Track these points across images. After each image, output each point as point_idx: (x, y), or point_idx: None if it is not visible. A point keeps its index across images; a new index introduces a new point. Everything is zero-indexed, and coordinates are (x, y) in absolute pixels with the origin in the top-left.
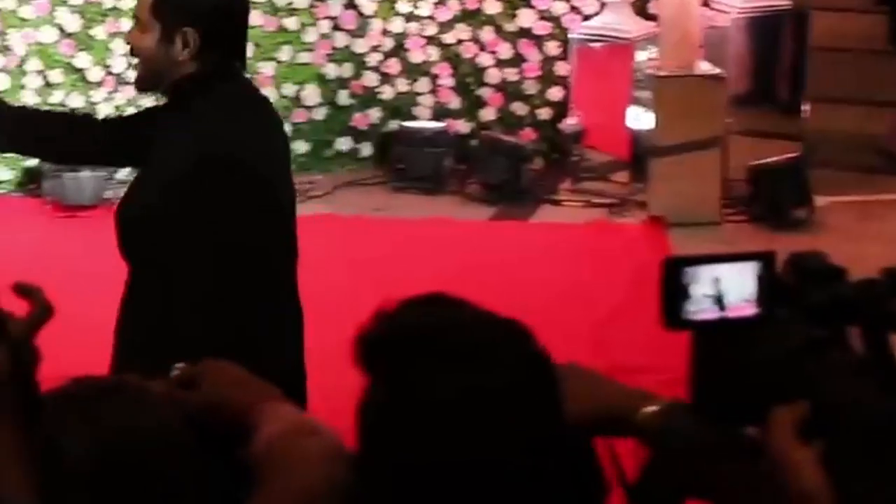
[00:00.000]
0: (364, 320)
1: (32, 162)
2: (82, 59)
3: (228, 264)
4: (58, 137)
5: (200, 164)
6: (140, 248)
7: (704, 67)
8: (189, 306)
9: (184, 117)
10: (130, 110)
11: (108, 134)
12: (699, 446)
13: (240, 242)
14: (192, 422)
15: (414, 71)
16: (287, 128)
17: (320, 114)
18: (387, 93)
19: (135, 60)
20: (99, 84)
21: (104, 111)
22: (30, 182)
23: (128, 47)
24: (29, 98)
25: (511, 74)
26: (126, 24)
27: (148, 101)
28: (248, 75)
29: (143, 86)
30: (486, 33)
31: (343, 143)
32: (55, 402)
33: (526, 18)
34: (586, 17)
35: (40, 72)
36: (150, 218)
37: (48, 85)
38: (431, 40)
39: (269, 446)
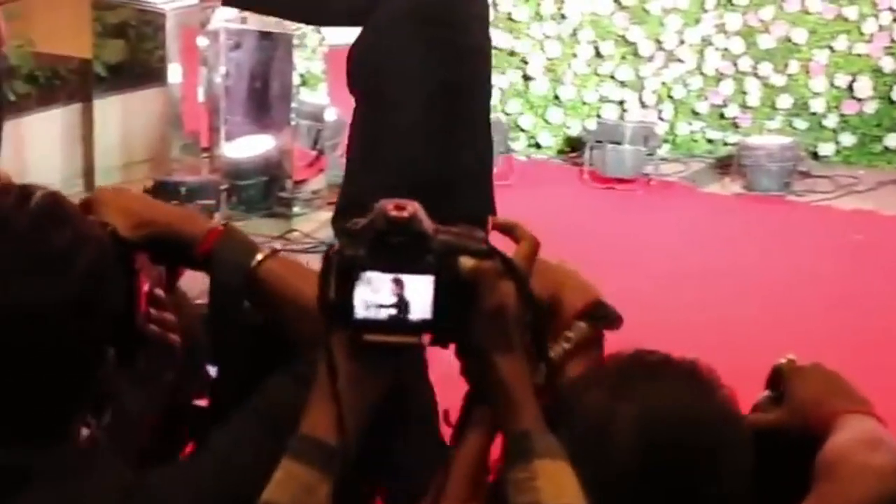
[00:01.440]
0: None
1: (575, 130)
2: (635, 33)
3: (433, 96)
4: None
5: (416, 5)
6: (361, 81)
7: None
8: (396, 134)
9: None
10: (678, 87)
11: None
12: None
13: (443, 77)
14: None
15: None
16: (833, 118)
17: (871, 107)
18: None
19: None
20: (650, 59)
21: (652, 85)
22: (571, 150)
23: None
24: (579, 67)
25: None
26: (682, 2)
27: None
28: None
29: None
30: None
31: (893, 140)
32: (604, 371)
33: None
34: None
35: (592, 42)
36: (371, 52)
37: (598, 55)
38: None
39: (832, 454)
